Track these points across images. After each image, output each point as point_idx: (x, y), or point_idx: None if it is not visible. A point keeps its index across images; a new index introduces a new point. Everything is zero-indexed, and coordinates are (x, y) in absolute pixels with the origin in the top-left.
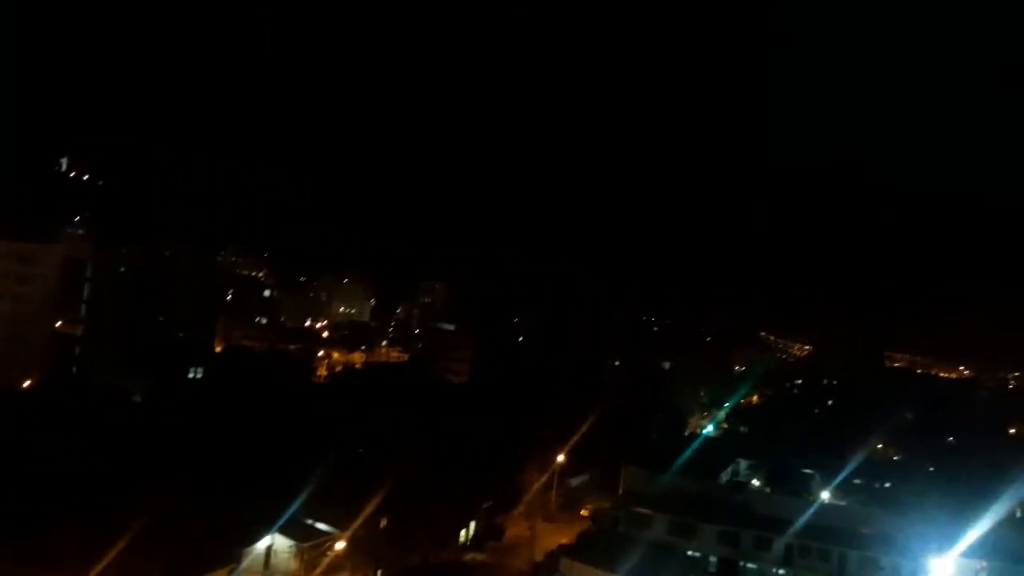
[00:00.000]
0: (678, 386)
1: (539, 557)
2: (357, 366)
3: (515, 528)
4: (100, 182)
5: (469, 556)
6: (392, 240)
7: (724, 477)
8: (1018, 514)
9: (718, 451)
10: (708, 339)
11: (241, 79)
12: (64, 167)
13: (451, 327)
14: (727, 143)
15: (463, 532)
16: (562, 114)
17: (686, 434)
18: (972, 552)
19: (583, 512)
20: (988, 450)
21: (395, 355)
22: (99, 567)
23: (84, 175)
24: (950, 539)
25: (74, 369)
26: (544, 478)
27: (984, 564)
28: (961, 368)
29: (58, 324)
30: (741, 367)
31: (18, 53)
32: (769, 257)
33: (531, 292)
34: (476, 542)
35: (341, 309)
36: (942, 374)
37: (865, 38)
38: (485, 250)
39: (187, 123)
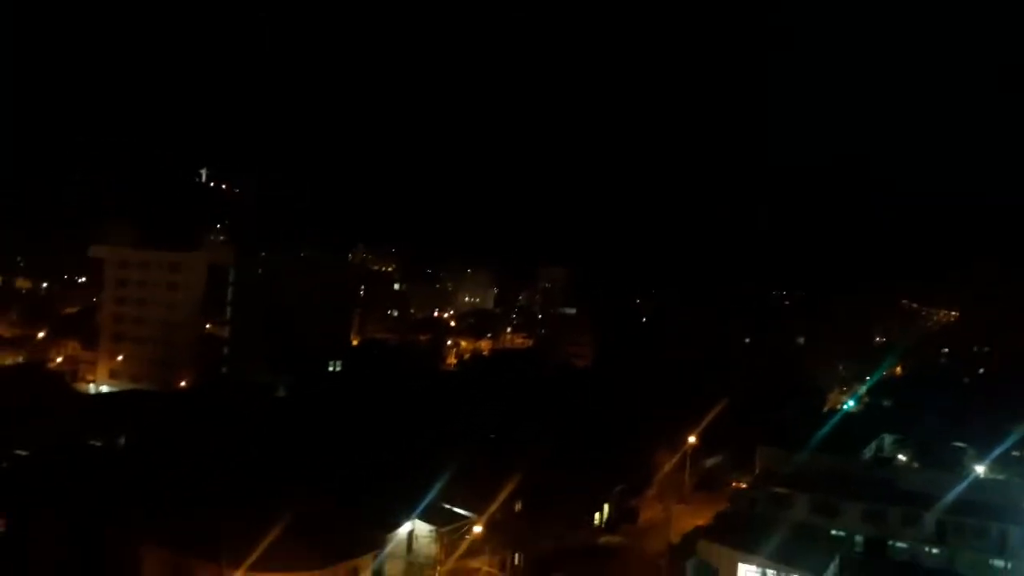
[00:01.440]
0: (815, 361)
1: (675, 539)
2: (484, 353)
3: (649, 511)
4: (237, 190)
5: (604, 539)
6: (513, 228)
7: (867, 453)
8: None
9: (860, 427)
10: (845, 310)
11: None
12: (204, 178)
13: (572, 311)
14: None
15: (597, 515)
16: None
17: (825, 410)
18: None
19: (721, 493)
20: None
21: (519, 341)
22: (256, 554)
23: (222, 184)
24: None
25: (223, 369)
26: (676, 459)
27: None
28: None
29: (207, 327)
30: (882, 338)
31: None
32: (905, 219)
33: (653, 273)
34: (610, 525)
35: (466, 299)
36: None
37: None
38: (604, 232)
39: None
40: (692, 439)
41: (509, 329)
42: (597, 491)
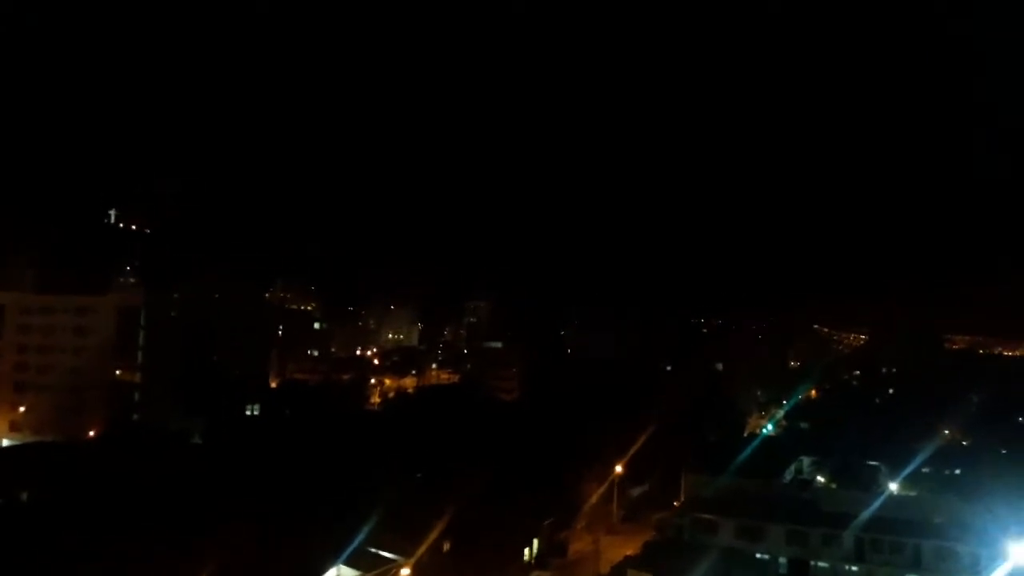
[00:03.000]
0: (733, 387)
1: (605, 570)
2: (409, 391)
3: (578, 543)
4: (147, 231)
5: (534, 574)
6: (433, 263)
7: (788, 476)
8: None
9: (780, 450)
10: (760, 336)
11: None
12: (113, 219)
13: (498, 345)
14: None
15: (527, 550)
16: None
17: (745, 435)
18: None
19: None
20: None
21: (445, 377)
22: None
23: (131, 225)
24: None
25: (135, 416)
26: (603, 490)
27: None
28: None
29: (116, 373)
30: (797, 362)
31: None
32: (816, 247)
33: (575, 303)
34: (540, 560)
35: (390, 336)
36: (1006, 353)
37: None
38: (525, 265)
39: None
40: (619, 469)
41: (434, 365)
42: (526, 526)
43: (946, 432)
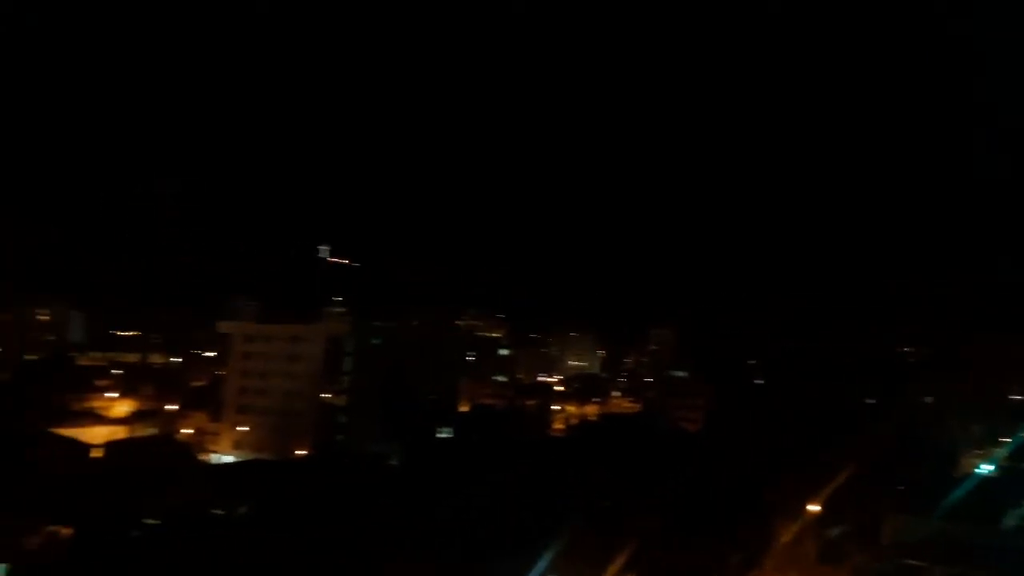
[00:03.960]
0: (945, 422)
1: None
2: (591, 418)
3: None
4: (356, 264)
5: None
6: (618, 289)
7: (1009, 521)
8: None
9: (1000, 492)
10: (977, 366)
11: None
12: (326, 254)
13: (683, 374)
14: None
15: None
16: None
17: (958, 475)
18: None
19: (845, 566)
20: None
21: (627, 405)
22: None
23: (342, 259)
24: None
25: (339, 437)
26: (797, 528)
27: None
28: None
29: (323, 397)
30: (1019, 395)
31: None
32: None
33: (766, 331)
34: None
35: (572, 363)
36: None
37: None
38: (713, 293)
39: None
40: (814, 507)
41: (617, 393)
42: (712, 563)
43: None
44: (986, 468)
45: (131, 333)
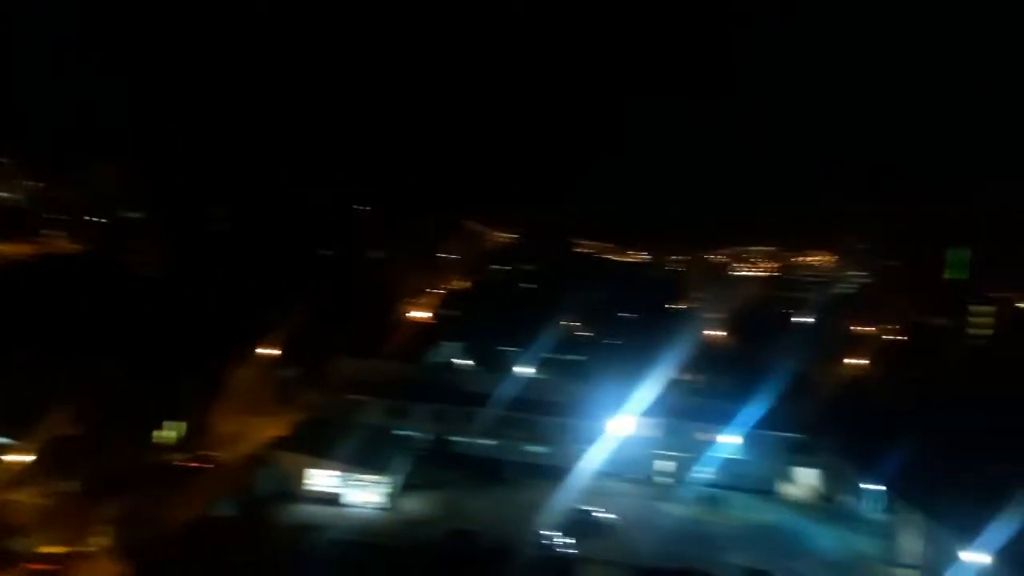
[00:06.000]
0: (382, 275)
1: (252, 451)
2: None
3: (227, 425)
4: None
5: (176, 456)
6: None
7: (435, 359)
8: (682, 378)
9: (429, 335)
10: (408, 227)
11: None
12: None
13: (138, 215)
14: None
15: (174, 432)
16: None
17: (396, 320)
18: (646, 412)
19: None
20: (656, 324)
21: (68, 246)
22: None
23: None
24: (626, 402)
25: None
26: (253, 372)
27: (659, 420)
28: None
29: None
30: (449, 255)
31: None
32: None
33: (233, 176)
34: (185, 442)
35: None
36: (622, 259)
37: None
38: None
39: None
40: (268, 351)
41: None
42: (165, 408)
43: (575, 323)
44: (422, 314)
45: None
